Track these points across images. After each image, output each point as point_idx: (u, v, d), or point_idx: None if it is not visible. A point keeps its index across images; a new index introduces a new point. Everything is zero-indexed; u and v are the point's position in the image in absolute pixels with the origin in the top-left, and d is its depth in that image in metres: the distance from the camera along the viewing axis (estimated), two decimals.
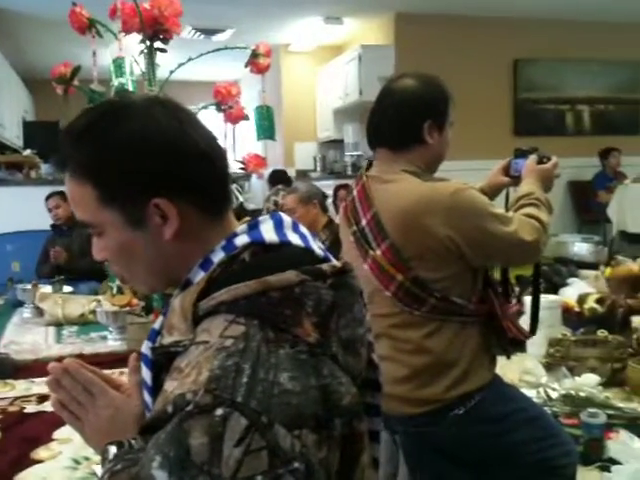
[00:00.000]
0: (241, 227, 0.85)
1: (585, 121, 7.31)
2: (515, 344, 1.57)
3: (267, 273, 0.76)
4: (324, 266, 0.81)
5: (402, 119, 1.54)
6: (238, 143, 6.67)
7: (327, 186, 5.87)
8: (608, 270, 3.75)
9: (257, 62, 2.16)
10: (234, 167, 2.28)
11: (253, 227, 0.85)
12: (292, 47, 7.79)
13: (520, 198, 1.58)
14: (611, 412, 2.27)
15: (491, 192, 1.75)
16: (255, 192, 7.88)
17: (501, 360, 3.06)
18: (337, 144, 7.71)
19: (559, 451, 1.57)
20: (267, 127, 2.16)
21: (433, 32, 6.66)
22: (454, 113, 1.62)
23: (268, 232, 0.84)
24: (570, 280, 4.27)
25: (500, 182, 1.76)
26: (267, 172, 8.36)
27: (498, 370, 2.95)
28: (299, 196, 3.17)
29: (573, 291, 3.92)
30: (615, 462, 1.95)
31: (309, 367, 0.74)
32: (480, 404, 1.50)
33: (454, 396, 1.48)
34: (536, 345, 3.01)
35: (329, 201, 4.49)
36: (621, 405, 2.31)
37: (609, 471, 1.89)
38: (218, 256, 0.83)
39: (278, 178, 6.59)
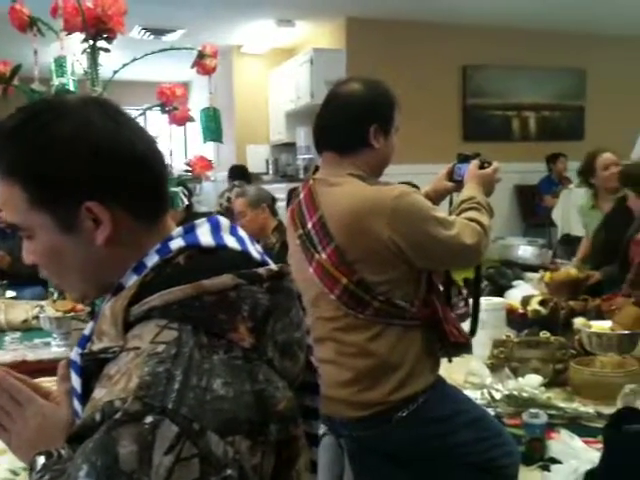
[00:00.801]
0: (177, 230, 0.84)
1: (531, 127, 7.48)
2: (457, 347, 1.59)
3: (202, 277, 0.75)
4: (260, 270, 0.80)
5: (348, 123, 1.56)
6: (190, 145, 6.53)
7: (279, 189, 5.86)
8: (548, 274, 3.85)
9: (204, 63, 2.13)
10: (181, 170, 2.25)
11: (189, 230, 0.83)
12: (244, 49, 7.74)
13: (462, 202, 1.62)
14: (553, 412, 2.32)
15: (436, 197, 1.77)
16: (207, 195, 7.81)
17: (447, 361, 3.12)
18: (289, 147, 7.70)
19: (501, 451, 1.60)
20: (214, 129, 2.14)
21: (384, 37, 6.72)
22: (399, 118, 1.64)
23: (204, 235, 0.82)
24: (515, 282, 4.37)
25: (444, 187, 1.78)
26: (217, 175, 8.32)
27: (444, 371, 3.00)
28: (248, 200, 3.16)
29: (518, 293, 4.01)
30: (556, 461, 1.99)
31: (244, 373, 0.73)
32: (423, 406, 1.51)
33: (398, 399, 1.49)
34: (481, 346, 3.06)
35: (282, 204, 4.47)
36: (562, 405, 2.36)
37: (550, 470, 1.92)
38: (152, 260, 0.81)
39: (237, 174, 6.55)
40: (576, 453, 1.95)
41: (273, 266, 0.83)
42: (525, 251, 4.90)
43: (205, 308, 0.74)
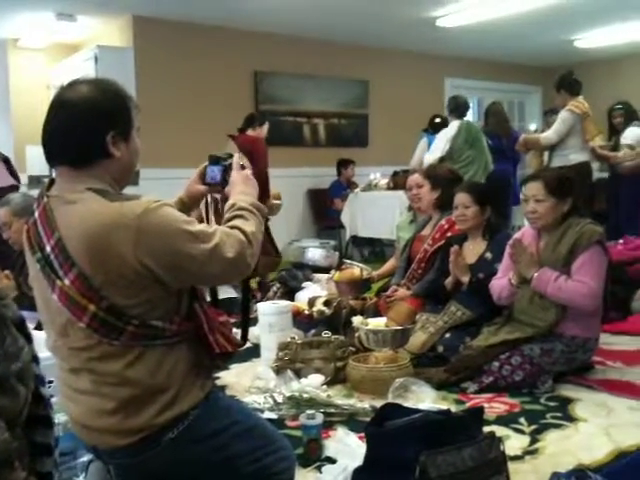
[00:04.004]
0: None
1: (321, 134, 7.75)
2: (225, 358, 1.54)
3: None
4: None
5: (81, 134, 1.40)
6: None
7: None
8: (337, 274, 4.02)
9: None
10: None
11: None
12: (22, 42, 7.14)
13: (226, 212, 1.52)
14: (332, 410, 2.40)
15: (190, 201, 1.69)
16: None
17: (238, 367, 3.12)
18: None
19: (275, 457, 1.58)
20: None
21: (174, 37, 6.57)
22: (138, 116, 1.49)
23: None
24: (305, 284, 4.51)
25: (197, 190, 1.69)
26: None
27: (234, 377, 3.00)
28: (12, 209, 2.89)
29: (307, 294, 4.14)
30: (332, 461, 2.04)
31: None
32: (193, 424, 1.45)
33: (166, 420, 1.40)
34: (269, 350, 3.11)
35: None
36: (340, 402, 2.44)
37: (322, 472, 1.96)
38: None
39: None
40: (351, 450, 2.01)
41: None
42: (314, 253, 5.08)
43: None
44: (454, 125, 5.71)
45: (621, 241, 4.40)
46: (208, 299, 1.63)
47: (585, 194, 4.78)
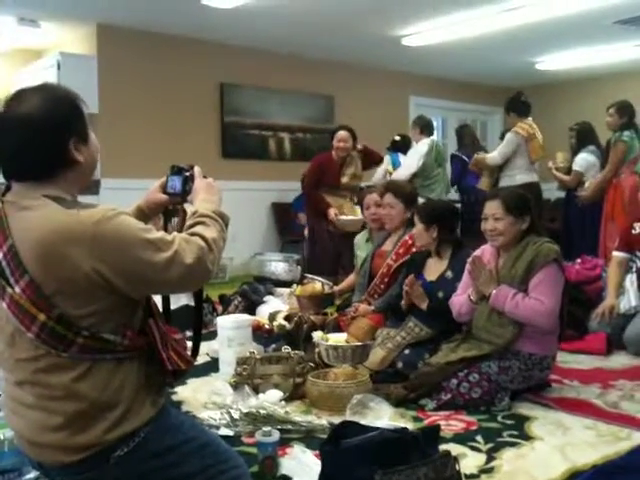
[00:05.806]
0: None
1: (286, 147, 7.75)
2: (177, 375, 1.50)
3: None
4: None
5: (42, 149, 1.35)
6: None
7: None
8: (299, 288, 3.99)
9: None
10: None
11: None
12: None
13: (188, 219, 1.50)
14: (289, 427, 2.37)
15: (150, 210, 1.66)
16: None
17: (195, 382, 3.06)
18: None
19: (228, 476, 1.54)
20: None
21: (139, 47, 6.51)
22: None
23: None
24: (267, 298, 4.48)
25: (157, 200, 1.65)
26: None
27: (191, 392, 2.94)
28: None
29: (268, 308, 4.11)
30: (288, 479, 2.01)
31: None
32: (144, 441, 1.40)
33: (115, 437, 1.36)
34: (227, 365, 3.07)
35: None
36: (298, 419, 2.41)
37: None
38: None
39: None
40: (307, 469, 1.98)
41: None
42: (277, 267, 5.05)
43: None
44: (426, 142, 5.74)
45: (579, 260, 4.47)
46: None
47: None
